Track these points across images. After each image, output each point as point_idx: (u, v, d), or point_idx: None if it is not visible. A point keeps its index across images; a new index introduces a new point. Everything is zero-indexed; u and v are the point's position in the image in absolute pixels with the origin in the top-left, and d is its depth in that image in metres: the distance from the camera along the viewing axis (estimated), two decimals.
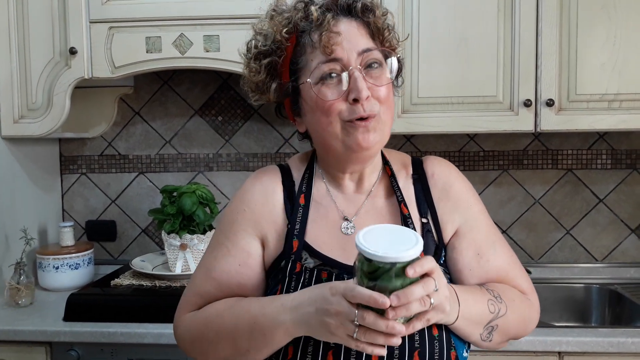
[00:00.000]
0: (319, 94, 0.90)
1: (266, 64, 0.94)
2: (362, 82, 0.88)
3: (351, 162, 0.95)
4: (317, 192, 1.00)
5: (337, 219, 0.97)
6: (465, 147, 2.08)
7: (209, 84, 2.13)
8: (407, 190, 0.99)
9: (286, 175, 1.01)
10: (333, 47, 0.88)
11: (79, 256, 1.94)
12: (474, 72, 1.73)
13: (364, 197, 0.99)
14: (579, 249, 2.07)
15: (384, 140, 0.94)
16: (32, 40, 1.81)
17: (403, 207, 0.97)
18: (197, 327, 0.95)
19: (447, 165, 1.03)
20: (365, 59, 0.90)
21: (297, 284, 0.90)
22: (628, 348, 1.46)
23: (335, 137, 0.91)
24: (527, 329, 0.98)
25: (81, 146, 2.20)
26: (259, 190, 0.99)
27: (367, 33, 0.92)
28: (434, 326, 0.87)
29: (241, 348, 0.90)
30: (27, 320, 1.65)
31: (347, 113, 0.89)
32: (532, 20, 1.70)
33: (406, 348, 0.85)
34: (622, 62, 1.69)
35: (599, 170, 2.05)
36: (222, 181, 2.16)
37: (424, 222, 0.96)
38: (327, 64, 0.89)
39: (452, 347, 0.88)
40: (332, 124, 0.90)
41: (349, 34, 0.90)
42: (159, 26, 1.75)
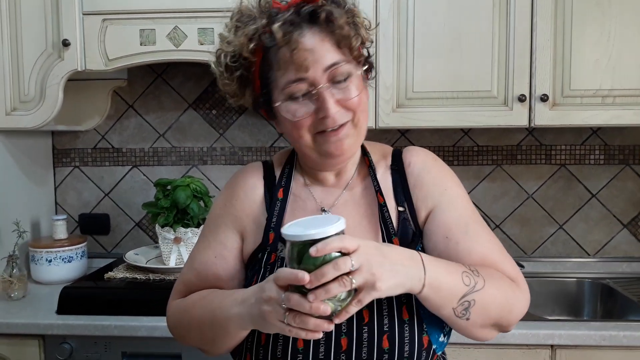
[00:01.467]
0: (289, 111, 0.91)
1: (237, 76, 0.95)
2: (329, 101, 0.89)
3: (328, 166, 0.99)
4: (296, 185, 1.03)
5: (315, 211, 0.99)
6: (460, 142, 2.09)
7: (203, 77, 2.12)
8: (385, 181, 1.01)
9: (268, 171, 1.05)
10: (298, 69, 0.88)
11: (72, 249, 1.93)
12: (469, 67, 1.74)
13: (342, 188, 1.01)
14: (572, 243, 2.09)
15: (359, 141, 0.97)
16: (24, 31, 1.79)
17: (379, 196, 0.98)
18: (177, 315, 1.02)
19: (425, 154, 1.04)
20: (332, 74, 0.90)
21: (271, 273, 0.91)
22: (620, 341, 1.47)
23: (309, 147, 0.94)
24: (512, 313, 0.90)
25: (74, 139, 2.18)
26: (241, 186, 1.03)
27: (333, 43, 0.90)
28: (404, 309, 0.88)
29: (207, 338, 0.96)
30: (20, 313, 1.65)
31: (316, 126, 0.91)
32: (527, 16, 1.70)
33: (375, 332, 0.86)
34: (616, 57, 1.70)
35: (592, 166, 2.06)
36: (216, 175, 2.16)
37: (400, 211, 0.98)
38: (294, 84, 0.90)
39: (424, 331, 0.88)
40: (303, 138, 0.93)
41: (314, 50, 0.89)
42: (153, 18, 1.74)
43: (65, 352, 1.57)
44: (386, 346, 0.86)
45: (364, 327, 0.86)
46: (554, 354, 1.51)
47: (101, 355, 1.58)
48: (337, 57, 0.90)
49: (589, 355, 1.50)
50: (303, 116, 0.91)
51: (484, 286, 0.86)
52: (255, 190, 1.02)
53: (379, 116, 1.76)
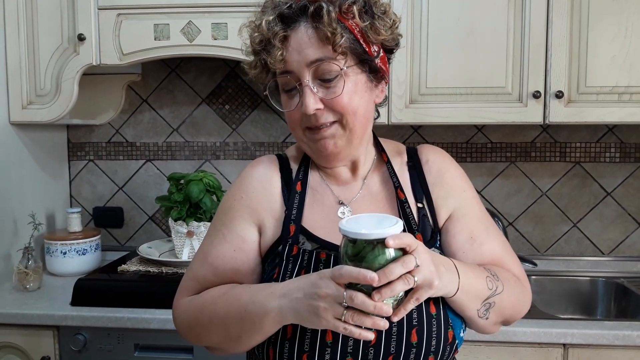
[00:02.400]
0: (284, 102, 0.95)
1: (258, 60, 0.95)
2: (309, 97, 0.90)
3: (322, 162, 0.99)
4: (312, 179, 1.02)
5: (333, 204, 0.99)
6: (473, 138, 2.07)
7: (216, 72, 2.13)
8: (402, 177, 1.01)
9: (284, 163, 1.04)
10: (280, 63, 0.90)
11: (86, 242, 1.95)
12: (483, 63, 1.72)
13: (360, 183, 1.01)
14: (586, 242, 2.07)
15: (353, 145, 0.96)
16: (40, 26, 1.81)
17: (400, 192, 0.99)
18: (193, 313, 0.98)
19: (441, 153, 1.05)
20: (317, 71, 0.89)
21: (294, 266, 0.92)
22: (633, 341, 1.46)
23: (302, 142, 0.97)
24: (520, 312, 0.99)
25: (89, 133, 2.20)
26: (257, 178, 1.01)
27: (320, 39, 0.88)
28: (431, 304, 0.88)
29: (233, 334, 0.92)
30: (35, 304, 1.67)
31: (304, 121, 0.93)
32: (542, 11, 1.68)
33: (404, 326, 0.87)
34: (634, 54, 1.68)
35: (608, 164, 2.04)
36: (229, 170, 2.17)
37: (419, 207, 0.98)
38: (280, 76, 0.92)
39: (450, 326, 0.89)
40: (296, 130, 0.96)
41: (299, 45, 0.89)
42: (167, 13, 1.75)
43: (79, 343, 1.59)
44: (414, 340, 0.86)
45: (393, 322, 0.85)
46: (567, 352, 1.50)
47: (114, 346, 1.60)
48: (322, 54, 0.88)
49: (601, 354, 1.49)
50: (291, 109, 0.93)
51: (503, 290, 0.93)
52: (272, 182, 1.00)
53: (392, 112, 1.75)
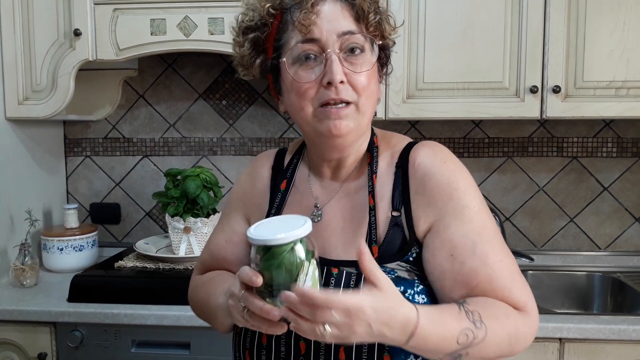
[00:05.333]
0: (295, 75, 0.87)
1: (251, 38, 0.91)
2: (337, 65, 0.85)
3: (326, 148, 0.93)
4: (298, 178, 1.01)
5: (310, 206, 0.97)
6: (470, 133, 2.07)
7: (213, 67, 2.12)
8: (386, 180, 0.93)
9: (279, 159, 1.04)
10: (310, 27, 0.85)
11: (83, 238, 1.95)
12: (480, 58, 1.72)
13: (339, 184, 0.96)
14: (582, 236, 2.07)
15: (360, 130, 0.91)
16: (36, 21, 1.80)
17: (370, 198, 0.92)
18: (190, 292, 1.08)
19: (434, 154, 0.92)
20: (346, 42, 0.86)
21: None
22: (629, 335, 1.46)
23: (307, 123, 0.89)
24: (514, 348, 0.84)
25: (85, 129, 2.20)
26: (250, 173, 1.06)
27: (352, 16, 0.87)
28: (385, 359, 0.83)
29: (208, 318, 1.01)
30: (31, 300, 1.67)
31: (319, 97, 0.86)
32: (540, 6, 1.68)
33: (332, 343, 0.80)
34: (631, 49, 1.67)
35: (604, 159, 2.04)
36: (226, 165, 2.16)
37: (394, 216, 0.89)
38: (304, 44, 0.86)
39: (385, 350, 0.82)
40: (304, 109, 0.88)
41: (331, 15, 0.86)
42: (164, 8, 1.74)
43: (76, 340, 1.59)
44: (342, 358, 0.84)
45: None
46: (563, 347, 1.50)
47: (111, 342, 1.60)
48: (354, 27, 0.87)
49: (597, 349, 1.49)
50: (308, 81, 0.86)
51: (485, 336, 0.79)
52: (262, 179, 1.03)
53: (389, 107, 1.75)
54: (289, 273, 0.75)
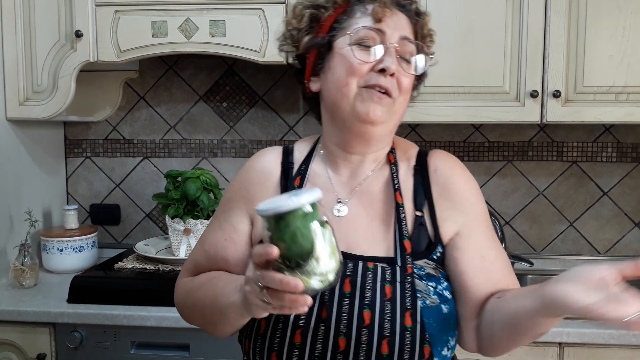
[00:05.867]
0: (352, 51, 0.91)
1: (310, 13, 0.95)
2: (394, 58, 0.90)
3: (354, 135, 0.95)
4: (314, 174, 1.00)
5: (331, 201, 0.96)
6: (470, 137, 2.08)
7: (214, 69, 2.13)
8: (406, 181, 0.98)
9: (287, 157, 1.02)
10: (383, 18, 0.91)
11: (83, 239, 1.95)
12: (481, 62, 1.72)
13: (360, 181, 0.98)
14: (582, 241, 2.07)
15: (390, 126, 0.95)
16: (37, 22, 1.80)
17: (398, 195, 0.96)
18: (183, 295, 1.03)
19: (452, 162, 1.01)
20: (403, 46, 0.92)
21: None
22: (629, 340, 1.47)
23: (348, 100, 0.91)
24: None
25: (86, 130, 2.20)
26: (257, 170, 1.02)
27: (412, 31, 0.95)
28: (407, 316, 0.85)
29: (208, 321, 0.95)
30: (31, 301, 1.67)
31: (368, 78, 0.90)
32: (540, 10, 1.68)
33: (375, 335, 0.84)
34: (631, 54, 1.68)
35: (604, 163, 2.04)
36: (226, 167, 2.17)
37: (417, 215, 0.95)
38: (371, 31, 0.91)
39: (427, 341, 0.85)
40: (349, 85, 0.91)
41: (399, 20, 0.93)
42: (165, 10, 1.75)
43: (76, 341, 1.59)
44: (385, 352, 0.83)
45: (363, 329, 0.84)
46: (562, 351, 1.50)
47: (110, 344, 1.60)
48: (412, 37, 0.94)
49: (597, 353, 1.49)
50: (363, 60, 0.90)
51: None
52: (271, 176, 1.00)
53: None
54: (306, 239, 0.71)
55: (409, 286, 0.87)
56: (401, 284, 0.87)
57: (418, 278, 0.89)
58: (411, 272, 0.89)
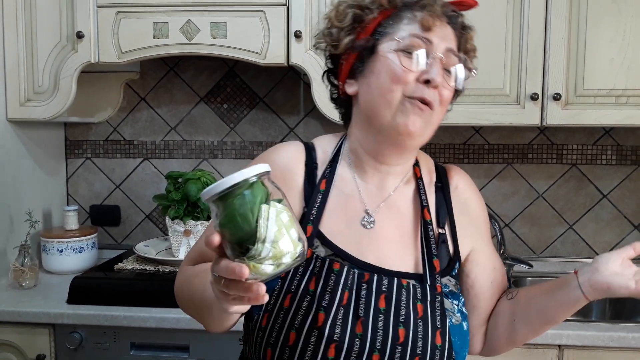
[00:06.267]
0: (398, 58, 0.88)
1: (353, 13, 0.92)
2: (440, 69, 0.88)
3: (389, 145, 0.92)
4: (340, 178, 0.95)
5: (358, 211, 0.94)
6: (470, 139, 2.08)
7: (215, 71, 2.13)
8: (429, 197, 0.98)
9: (310, 155, 0.97)
10: (432, 27, 0.89)
11: (83, 240, 1.95)
12: (481, 65, 1.69)
13: (387, 194, 0.96)
14: (582, 244, 2.08)
15: (426, 138, 0.92)
16: (39, 23, 1.80)
17: (426, 212, 0.96)
18: (179, 283, 0.97)
19: (469, 180, 1.05)
20: (448, 58, 0.90)
21: (306, 270, 0.88)
22: (628, 343, 1.47)
23: (390, 108, 0.88)
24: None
25: (86, 131, 2.20)
26: (280, 165, 0.93)
27: (457, 44, 0.94)
28: (438, 335, 0.87)
29: (200, 314, 0.91)
30: (30, 302, 1.67)
31: (412, 89, 0.88)
32: (541, 13, 1.69)
33: (407, 353, 0.84)
34: (631, 57, 1.68)
35: (604, 166, 2.05)
36: (227, 169, 2.17)
37: (440, 233, 0.96)
38: (419, 39, 0.89)
39: (453, 358, 0.88)
40: (393, 92, 0.88)
41: (446, 31, 0.92)
42: (166, 12, 1.75)
43: (75, 342, 1.59)
44: None
45: (397, 347, 0.84)
46: (562, 354, 1.50)
47: (110, 345, 1.60)
48: (457, 50, 0.93)
49: (596, 356, 1.49)
50: (409, 69, 0.87)
51: None
52: (295, 175, 0.94)
53: None
54: (246, 221, 0.63)
55: (438, 305, 0.89)
56: (431, 303, 0.89)
57: (445, 296, 0.91)
58: (440, 291, 0.90)
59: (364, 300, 0.86)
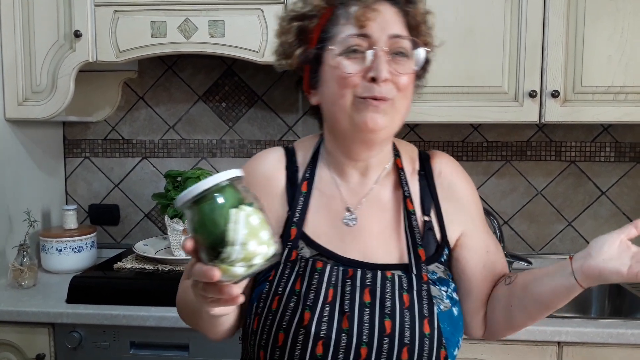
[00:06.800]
0: (340, 64, 0.88)
1: (297, 26, 0.92)
2: (384, 63, 0.86)
3: (357, 143, 0.93)
4: (320, 179, 0.97)
5: (340, 210, 0.95)
6: (469, 137, 2.08)
7: (213, 69, 2.13)
8: (412, 186, 0.98)
9: (290, 159, 0.99)
10: (366, 22, 0.87)
11: (82, 239, 1.95)
12: (480, 62, 1.73)
13: (369, 188, 0.97)
14: (580, 240, 2.08)
15: (393, 128, 0.92)
16: (36, 22, 1.80)
17: (409, 202, 0.95)
18: (179, 296, 1.00)
19: (453, 164, 1.03)
20: (394, 44, 0.88)
21: (292, 272, 0.90)
22: (627, 339, 1.47)
23: (345, 112, 0.89)
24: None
25: (85, 130, 2.20)
26: (261, 173, 0.98)
27: (404, 23, 0.91)
28: (426, 323, 0.87)
29: (197, 323, 0.94)
30: (30, 301, 1.67)
31: (361, 89, 0.87)
32: (539, 10, 1.69)
33: (396, 343, 0.85)
34: (630, 54, 1.68)
35: (603, 163, 2.05)
36: (225, 167, 2.13)
37: (426, 220, 0.96)
38: (355, 37, 0.88)
39: (443, 346, 0.87)
40: (344, 97, 0.88)
41: (385, 16, 0.89)
42: (164, 10, 1.75)
43: (75, 341, 1.59)
44: (405, 358, 0.84)
45: (385, 338, 0.85)
46: (561, 350, 1.51)
47: (110, 344, 1.60)
48: (404, 32, 0.90)
49: (595, 352, 1.50)
50: (353, 72, 0.87)
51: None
52: (276, 180, 0.97)
53: None
54: (215, 225, 0.66)
55: (425, 294, 0.89)
56: (418, 292, 0.89)
57: (432, 284, 0.90)
58: (427, 280, 0.90)
59: (348, 295, 0.87)
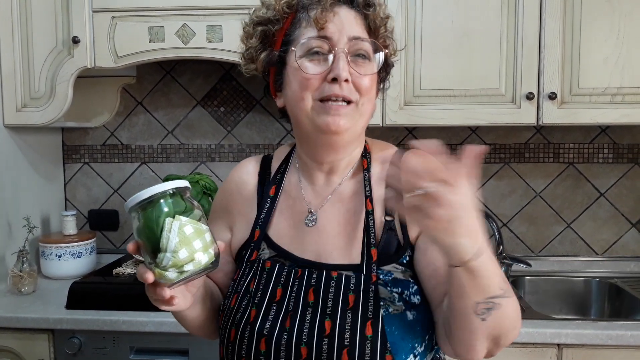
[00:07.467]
0: (301, 65, 0.89)
1: (261, 30, 0.94)
2: (344, 64, 0.88)
3: (321, 146, 0.94)
4: (289, 183, 1.00)
5: (303, 211, 0.97)
6: (467, 140, 2.08)
7: (211, 74, 2.13)
8: (380, 186, 0.95)
9: (266, 165, 1.04)
10: (325, 24, 0.89)
11: (81, 245, 1.95)
12: (477, 65, 1.73)
13: (332, 189, 0.97)
14: (579, 242, 2.08)
15: (357, 130, 0.93)
16: (35, 29, 1.81)
17: (369, 202, 0.94)
18: None
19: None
20: (354, 46, 0.90)
21: (250, 272, 0.93)
22: (627, 341, 1.47)
23: (306, 115, 0.91)
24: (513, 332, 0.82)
25: (84, 136, 2.20)
26: (234, 180, 1.04)
27: (364, 26, 0.92)
28: (368, 325, 0.84)
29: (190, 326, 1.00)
30: (29, 307, 1.67)
31: (322, 91, 0.88)
32: (535, 13, 1.69)
33: (335, 346, 0.83)
34: (626, 56, 1.69)
35: (601, 164, 2.05)
36: (224, 172, 2.17)
37: (387, 220, 0.93)
38: (316, 39, 0.89)
39: (388, 350, 0.83)
40: (304, 100, 0.90)
41: (345, 19, 0.90)
42: (162, 16, 1.75)
43: (75, 347, 1.59)
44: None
45: (324, 339, 0.84)
46: (561, 352, 1.51)
47: (109, 349, 1.60)
48: (364, 35, 0.91)
49: (595, 354, 1.50)
50: (314, 74, 0.88)
51: (510, 296, 0.78)
52: (247, 185, 1.02)
53: (386, 114, 1.76)
54: (152, 232, 0.72)
55: (372, 295, 0.86)
56: (364, 292, 0.86)
57: (383, 285, 0.87)
58: (375, 281, 0.87)
59: (294, 295, 0.88)
